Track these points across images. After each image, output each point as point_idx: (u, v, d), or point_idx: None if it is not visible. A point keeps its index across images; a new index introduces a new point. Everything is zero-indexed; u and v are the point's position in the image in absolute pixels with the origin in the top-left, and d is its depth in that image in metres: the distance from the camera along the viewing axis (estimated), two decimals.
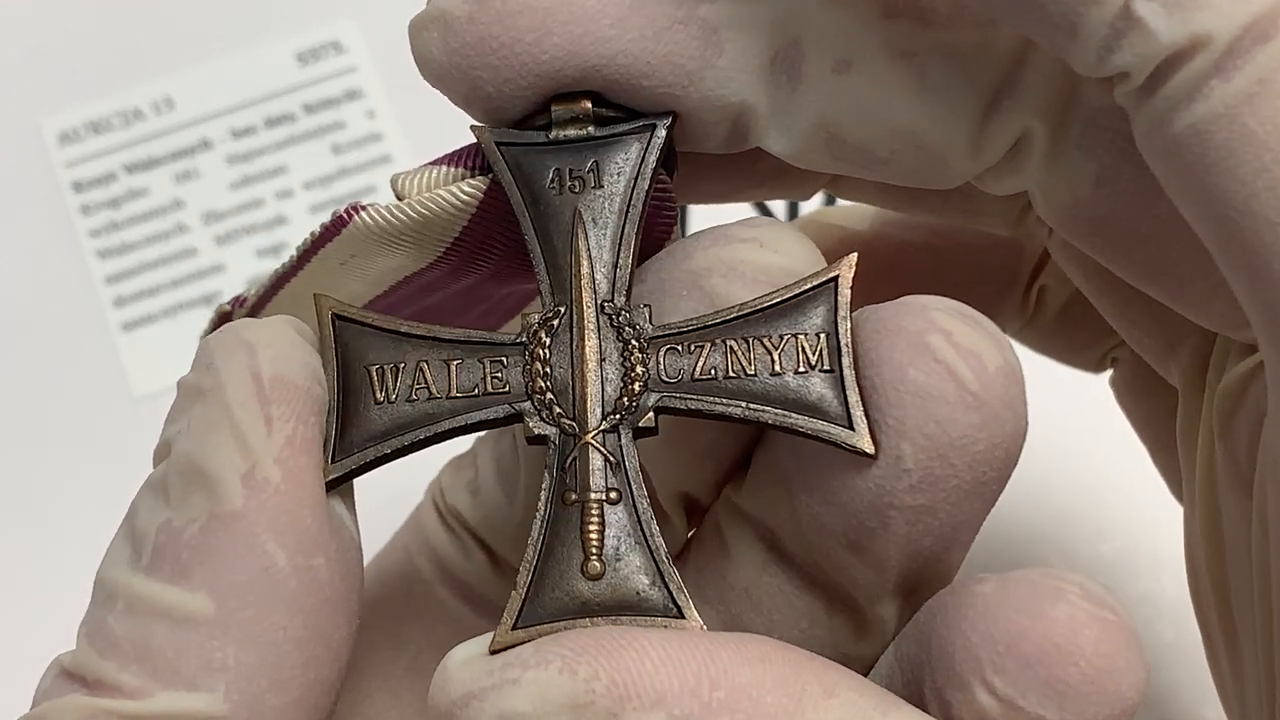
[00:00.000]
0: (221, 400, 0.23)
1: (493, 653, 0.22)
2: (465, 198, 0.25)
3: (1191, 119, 0.22)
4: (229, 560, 0.22)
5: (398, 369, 0.24)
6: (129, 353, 0.45)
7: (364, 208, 0.25)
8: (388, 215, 0.25)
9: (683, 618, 0.22)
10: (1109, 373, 0.33)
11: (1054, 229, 0.26)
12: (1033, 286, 0.32)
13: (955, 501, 0.24)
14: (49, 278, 0.46)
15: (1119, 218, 0.25)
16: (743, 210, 0.29)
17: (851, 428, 0.23)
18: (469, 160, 0.25)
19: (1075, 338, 0.32)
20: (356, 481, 0.24)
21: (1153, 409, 0.31)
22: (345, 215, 0.25)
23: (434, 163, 0.25)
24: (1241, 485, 0.26)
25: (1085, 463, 0.33)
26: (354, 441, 0.23)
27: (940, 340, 0.23)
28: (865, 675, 0.25)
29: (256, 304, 0.27)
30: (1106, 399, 0.32)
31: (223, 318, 0.27)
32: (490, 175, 0.25)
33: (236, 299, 0.27)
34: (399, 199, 0.25)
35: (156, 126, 0.47)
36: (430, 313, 0.27)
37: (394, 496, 0.31)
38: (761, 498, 0.26)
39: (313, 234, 0.25)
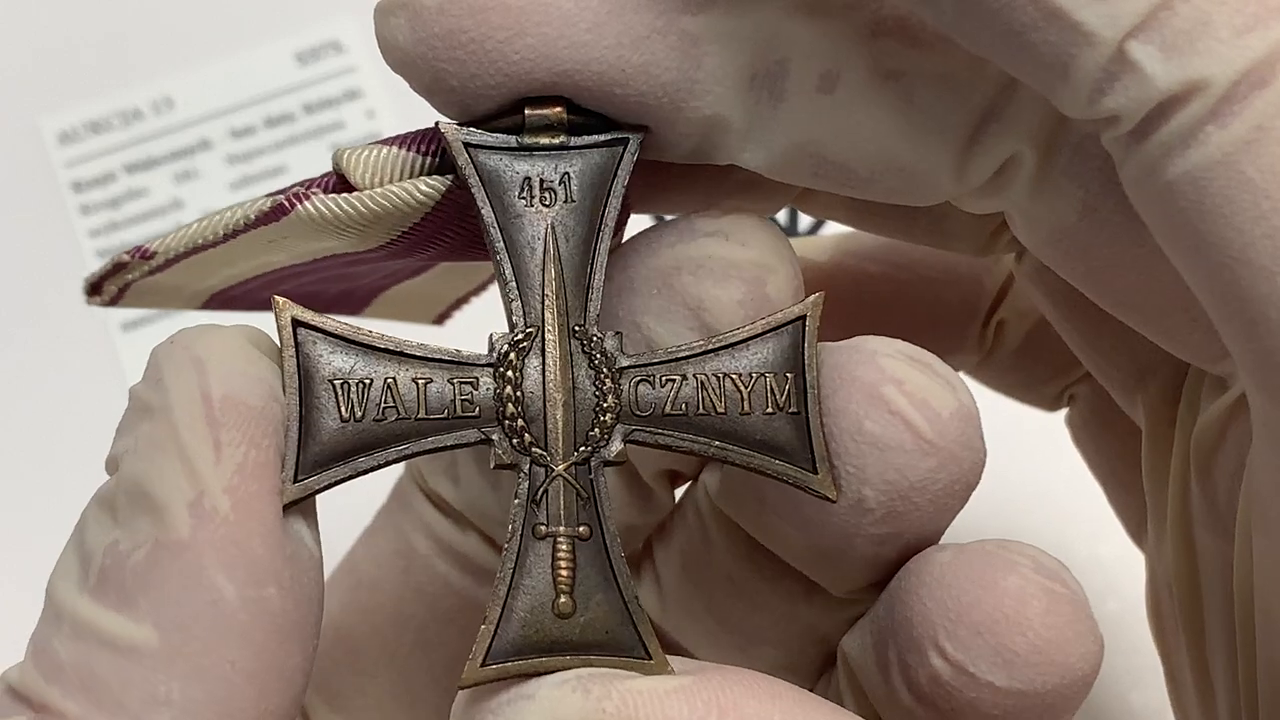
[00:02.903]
0: (169, 421, 0.22)
1: (461, 689, 0.22)
2: (422, 197, 0.24)
3: (1187, 166, 0.21)
4: (174, 592, 0.21)
5: (364, 385, 0.23)
6: (129, 353, 0.45)
7: (308, 197, 0.24)
8: (334, 208, 0.24)
9: (650, 659, 0.22)
10: (1064, 411, 0.33)
11: (1033, 253, 0.26)
12: (991, 320, 0.32)
13: (919, 527, 0.24)
14: (49, 278, 0.46)
15: (1103, 245, 0.25)
16: None
17: (815, 471, 0.23)
18: (423, 145, 0.24)
19: (1033, 373, 0.32)
20: None
21: (1111, 447, 0.31)
22: (287, 204, 0.24)
23: (384, 142, 0.24)
24: (1221, 529, 0.25)
25: (1084, 464, 0.33)
26: (318, 460, 0.23)
27: (893, 391, 0.23)
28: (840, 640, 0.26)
29: (161, 266, 0.26)
30: None
31: (118, 267, 0.26)
32: (451, 177, 0.24)
33: (138, 249, 0.26)
34: (339, 172, 0.24)
35: (156, 126, 0.47)
36: (343, 280, 0.27)
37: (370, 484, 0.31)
38: (737, 505, 0.26)
39: (246, 217, 0.24)
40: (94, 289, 0.27)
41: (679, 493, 0.28)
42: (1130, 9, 0.21)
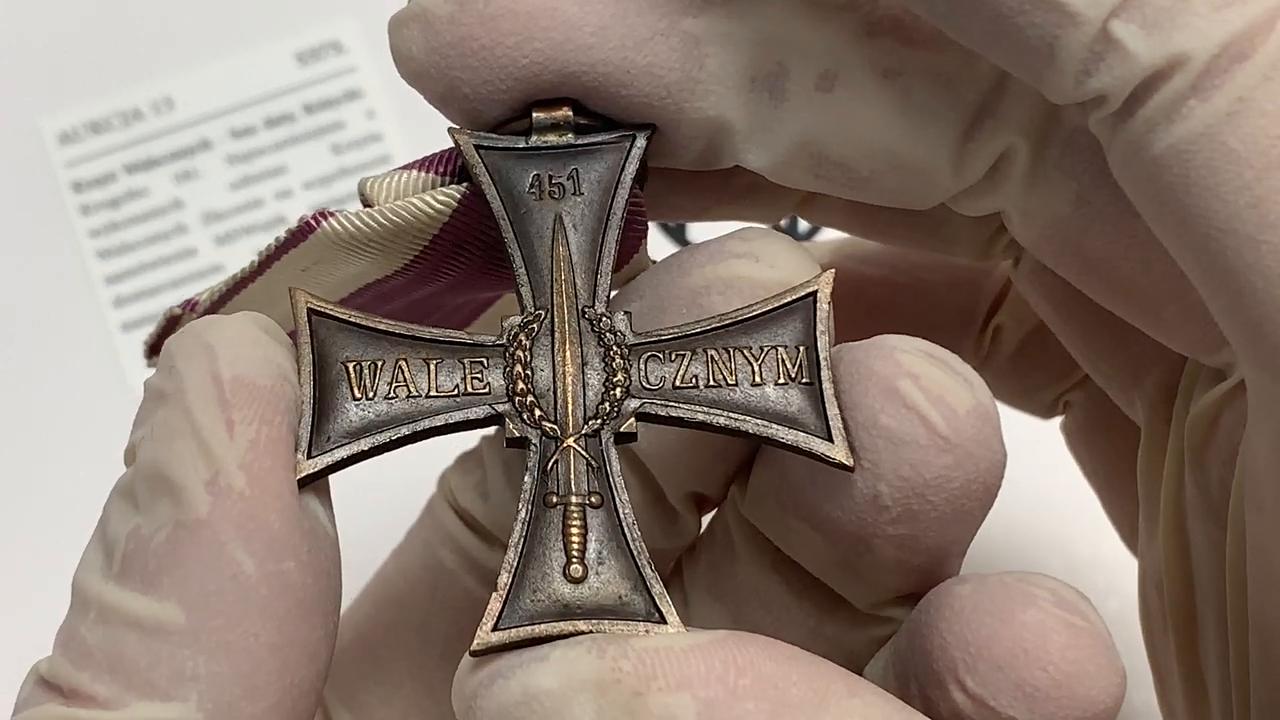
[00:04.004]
0: (183, 405, 0.22)
1: (472, 654, 0.22)
2: (439, 206, 0.24)
3: (1171, 140, 0.22)
4: (196, 569, 0.22)
5: (376, 366, 0.23)
6: (129, 353, 0.45)
7: (331, 214, 0.25)
8: (357, 222, 0.24)
9: (665, 623, 0.22)
10: (1060, 418, 0.33)
11: (1029, 251, 0.26)
12: (988, 326, 0.32)
13: (938, 529, 0.24)
14: (49, 278, 0.46)
15: (1096, 238, 0.25)
16: None
17: (830, 440, 0.23)
18: (441, 166, 0.25)
19: (1029, 379, 0.32)
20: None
21: (1106, 453, 0.31)
22: (312, 222, 0.25)
23: (405, 167, 0.25)
24: (1213, 516, 0.26)
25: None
26: (330, 437, 0.23)
27: (909, 385, 0.23)
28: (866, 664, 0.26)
29: (209, 309, 0.26)
30: None
31: (171, 322, 0.27)
32: (465, 185, 0.24)
33: (188, 302, 0.27)
34: (365, 202, 0.25)
35: (156, 127, 0.47)
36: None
37: (401, 493, 0.31)
38: (761, 512, 0.26)
39: (277, 239, 0.25)
40: (153, 349, 0.28)
41: (705, 520, 0.28)
42: None
